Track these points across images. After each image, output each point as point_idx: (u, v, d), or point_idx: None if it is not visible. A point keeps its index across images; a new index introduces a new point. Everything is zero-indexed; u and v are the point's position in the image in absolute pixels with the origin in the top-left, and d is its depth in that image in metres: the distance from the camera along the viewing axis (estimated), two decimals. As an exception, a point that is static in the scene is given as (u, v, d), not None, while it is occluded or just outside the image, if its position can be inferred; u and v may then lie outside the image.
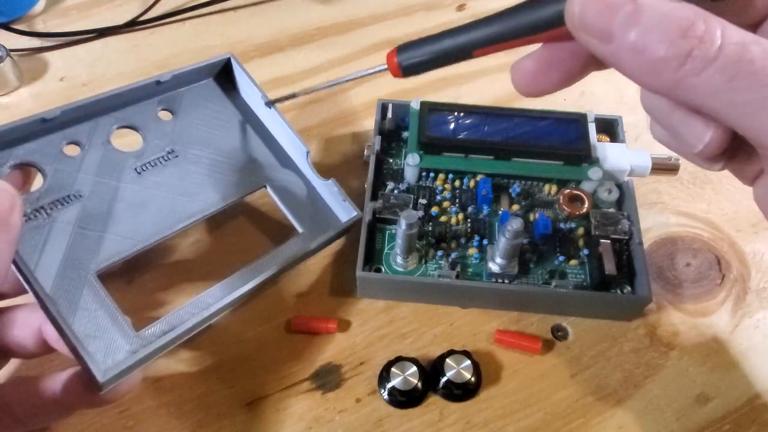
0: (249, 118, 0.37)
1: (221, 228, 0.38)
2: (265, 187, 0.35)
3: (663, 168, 0.37)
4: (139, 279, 0.35)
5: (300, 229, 0.34)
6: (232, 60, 0.36)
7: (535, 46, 0.24)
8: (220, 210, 0.33)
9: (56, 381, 0.27)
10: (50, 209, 0.29)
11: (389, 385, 0.31)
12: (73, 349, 0.26)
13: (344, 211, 0.35)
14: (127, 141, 0.33)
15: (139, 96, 0.33)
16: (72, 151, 0.31)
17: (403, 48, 0.26)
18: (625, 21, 0.18)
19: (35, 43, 0.47)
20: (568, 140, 0.36)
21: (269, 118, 0.37)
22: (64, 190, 0.30)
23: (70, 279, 0.28)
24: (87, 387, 0.26)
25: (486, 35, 0.24)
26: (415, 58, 0.26)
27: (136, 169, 0.32)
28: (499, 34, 0.23)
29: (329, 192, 0.36)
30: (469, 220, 0.36)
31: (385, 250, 0.35)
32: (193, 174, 0.33)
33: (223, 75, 0.36)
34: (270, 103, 0.35)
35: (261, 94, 0.35)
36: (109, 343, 0.27)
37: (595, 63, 0.23)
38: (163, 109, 0.34)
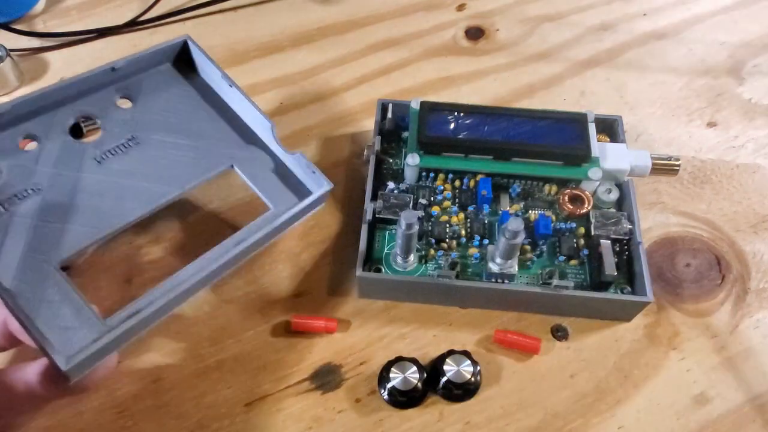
0: (210, 98, 0.36)
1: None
2: (232, 166, 0.35)
3: (663, 168, 0.37)
4: (138, 278, 0.35)
5: (271, 206, 0.34)
6: (189, 42, 0.35)
7: None
8: (186, 192, 0.33)
9: (27, 372, 0.27)
10: (8, 204, 0.29)
11: (389, 385, 0.31)
12: (37, 341, 0.26)
13: (315, 183, 0.34)
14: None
15: (96, 85, 0.33)
16: (28, 145, 0.31)
17: None
18: None
19: (35, 43, 0.47)
20: (568, 140, 0.36)
21: (231, 97, 0.36)
22: (22, 184, 0.30)
23: (32, 272, 0.28)
24: (58, 377, 0.26)
25: None
26: None
27: (95, 158, 0.32)
28: None
29: (298, 165, 0.35)
30: (469, 220, 0.36)
31: (385, 250, 0.35)
32: (157, 159, 0.33)
33: (181, 59, 0.36)
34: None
35: (221, 74, 0.35)
36: (74, 332, 0.27)
37: None
38: (121, 97, 0.34)
